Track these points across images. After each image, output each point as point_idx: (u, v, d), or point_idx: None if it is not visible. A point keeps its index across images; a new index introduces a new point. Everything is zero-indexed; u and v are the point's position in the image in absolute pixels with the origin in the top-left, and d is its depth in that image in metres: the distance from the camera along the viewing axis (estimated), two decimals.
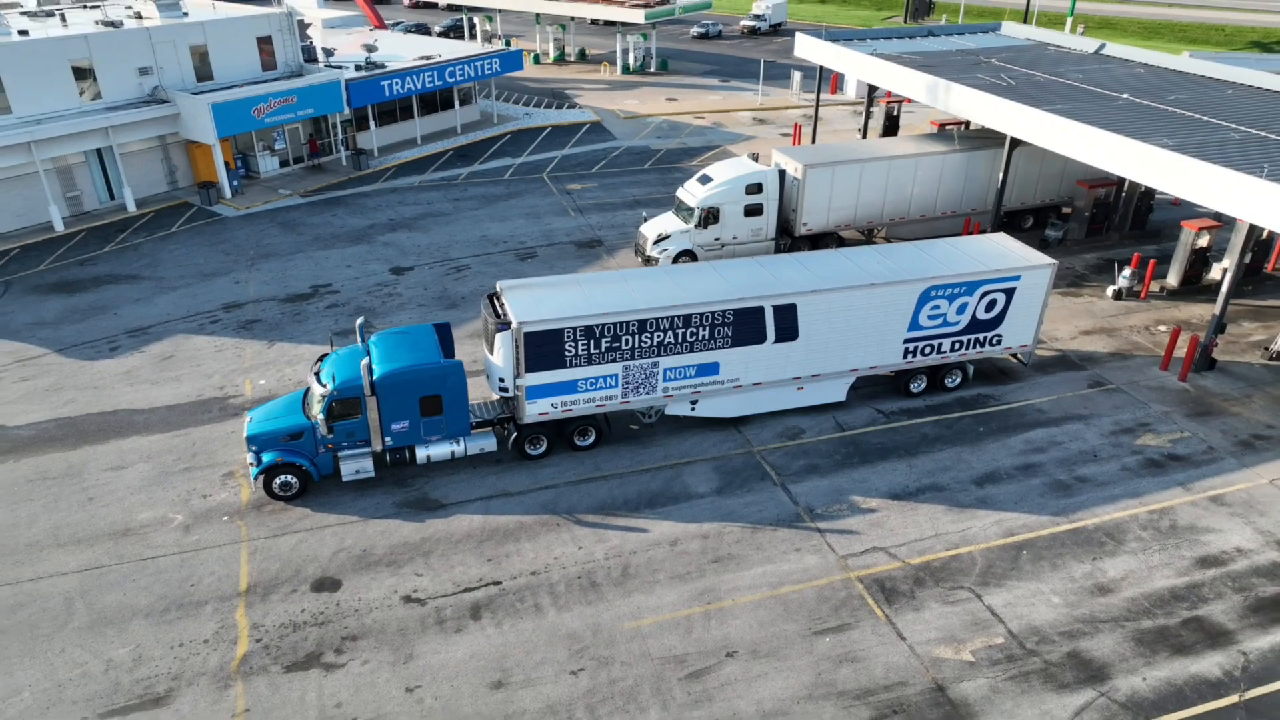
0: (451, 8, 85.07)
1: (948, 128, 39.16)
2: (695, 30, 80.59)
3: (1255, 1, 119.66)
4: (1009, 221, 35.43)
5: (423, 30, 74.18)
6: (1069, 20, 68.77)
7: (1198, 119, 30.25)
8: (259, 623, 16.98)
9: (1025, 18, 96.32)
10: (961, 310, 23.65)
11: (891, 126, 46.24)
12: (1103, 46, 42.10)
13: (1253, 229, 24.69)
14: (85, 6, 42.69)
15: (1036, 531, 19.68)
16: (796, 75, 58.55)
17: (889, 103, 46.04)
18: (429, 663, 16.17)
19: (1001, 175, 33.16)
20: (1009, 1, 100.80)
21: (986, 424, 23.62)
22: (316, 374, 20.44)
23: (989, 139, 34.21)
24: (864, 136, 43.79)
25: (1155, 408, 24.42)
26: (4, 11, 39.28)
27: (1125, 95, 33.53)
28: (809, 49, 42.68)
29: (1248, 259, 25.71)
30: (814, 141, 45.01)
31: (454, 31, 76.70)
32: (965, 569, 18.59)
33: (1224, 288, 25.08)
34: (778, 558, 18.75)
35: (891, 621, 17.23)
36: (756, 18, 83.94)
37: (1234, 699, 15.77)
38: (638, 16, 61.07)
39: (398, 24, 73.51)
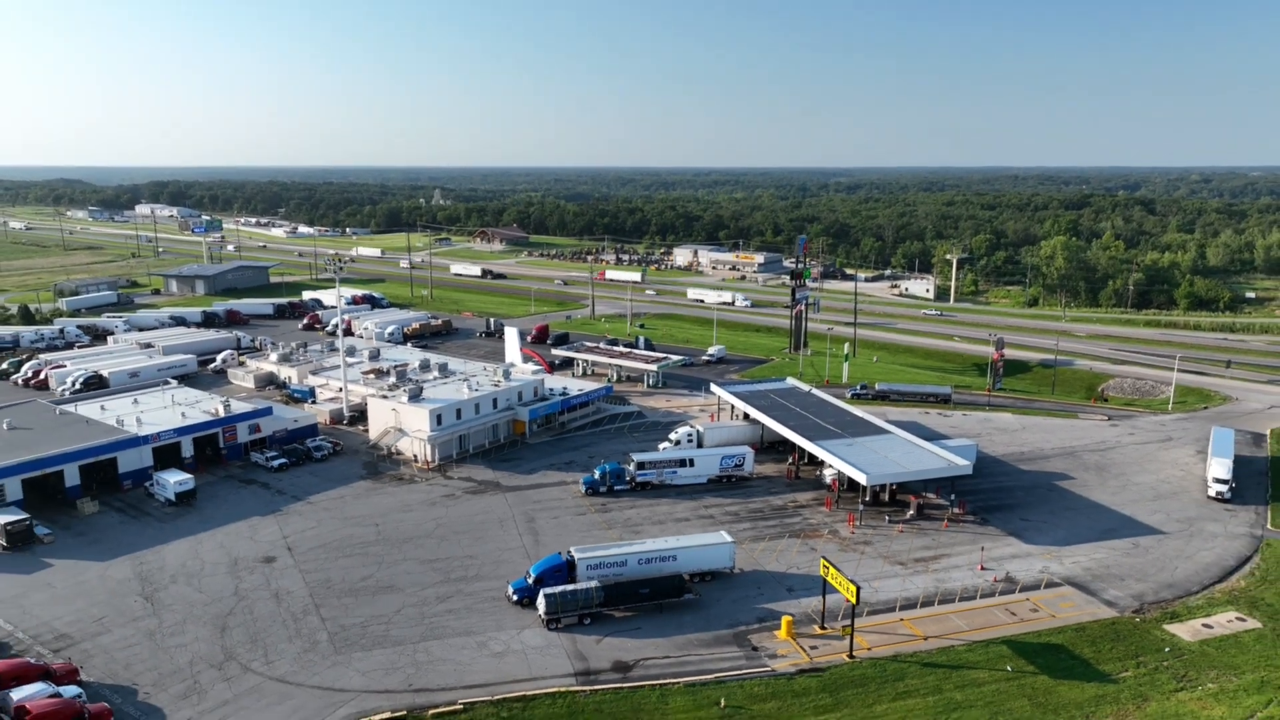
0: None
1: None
2: (681, 363, 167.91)
3: (983, 333, 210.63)
4: (773, 445, 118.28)
5: (547, 362, 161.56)
6: (846, 361, 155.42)
7: (809, 418, 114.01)
8: (604, 509, 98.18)
9: (854, 348, 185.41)
10: (733, 460, 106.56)
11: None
12: (811, 390, 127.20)
13: (800, 450, 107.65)
14: (460, 378, 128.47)
15: (738, 500, 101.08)
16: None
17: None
18: (635, 513, 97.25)
19: (763, 431, 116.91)
20: (874, 335, 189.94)
21: (740, 488, 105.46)
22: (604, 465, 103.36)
23: (759, 421, 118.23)
24: (732, 418, 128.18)
25: (779, 485, 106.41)
26: (461, 380, 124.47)
27: (798, 409, 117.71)
28: (714, 388, 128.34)
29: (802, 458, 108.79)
30: (717, 420, 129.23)
31: (567, 364, 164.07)
32: (725, 504, 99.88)
33: (792, 459, 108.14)
34: (693, 499, 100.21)
35: (705, 506, 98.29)
36: (710, 355, 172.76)
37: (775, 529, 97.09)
38: (653, 367, 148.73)
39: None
